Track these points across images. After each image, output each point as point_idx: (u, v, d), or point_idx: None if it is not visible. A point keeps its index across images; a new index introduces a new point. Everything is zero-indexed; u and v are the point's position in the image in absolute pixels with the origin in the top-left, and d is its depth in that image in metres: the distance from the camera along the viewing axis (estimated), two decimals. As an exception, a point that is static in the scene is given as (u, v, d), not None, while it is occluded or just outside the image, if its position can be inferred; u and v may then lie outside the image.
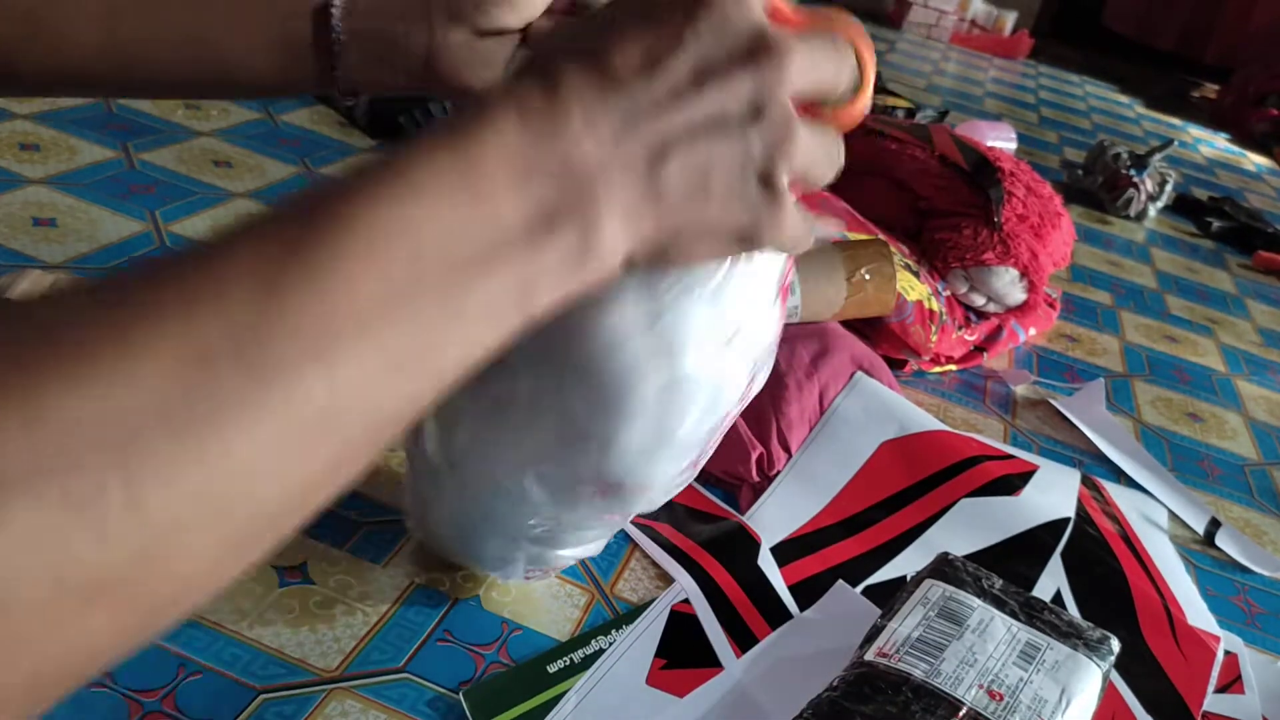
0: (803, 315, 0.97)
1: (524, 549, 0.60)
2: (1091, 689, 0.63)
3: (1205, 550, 0.96)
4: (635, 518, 0.80)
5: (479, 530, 0.60)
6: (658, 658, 0.67)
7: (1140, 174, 1.93)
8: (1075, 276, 1.59)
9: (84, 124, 1.20)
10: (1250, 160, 2.88)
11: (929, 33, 3.37)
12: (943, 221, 1.19)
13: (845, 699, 0.60)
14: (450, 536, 0.64)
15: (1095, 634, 0.67)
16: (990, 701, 0.60)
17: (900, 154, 1.26)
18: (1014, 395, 1.16)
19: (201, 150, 1.22)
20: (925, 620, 0.65)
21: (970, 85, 2.82)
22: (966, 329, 1.17)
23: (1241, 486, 1.10)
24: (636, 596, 0.74)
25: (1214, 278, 1.78)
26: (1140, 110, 3.15)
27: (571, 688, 0.64)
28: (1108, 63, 3.74)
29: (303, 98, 1.44)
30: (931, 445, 0.90)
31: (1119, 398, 1.23)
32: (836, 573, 0.78)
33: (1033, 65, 3.36)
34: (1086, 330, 1.40)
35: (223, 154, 1.22)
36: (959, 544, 0.82)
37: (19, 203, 1.01)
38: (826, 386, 0.92)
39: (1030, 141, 2.34)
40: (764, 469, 0.86)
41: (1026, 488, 0.89)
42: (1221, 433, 1.21)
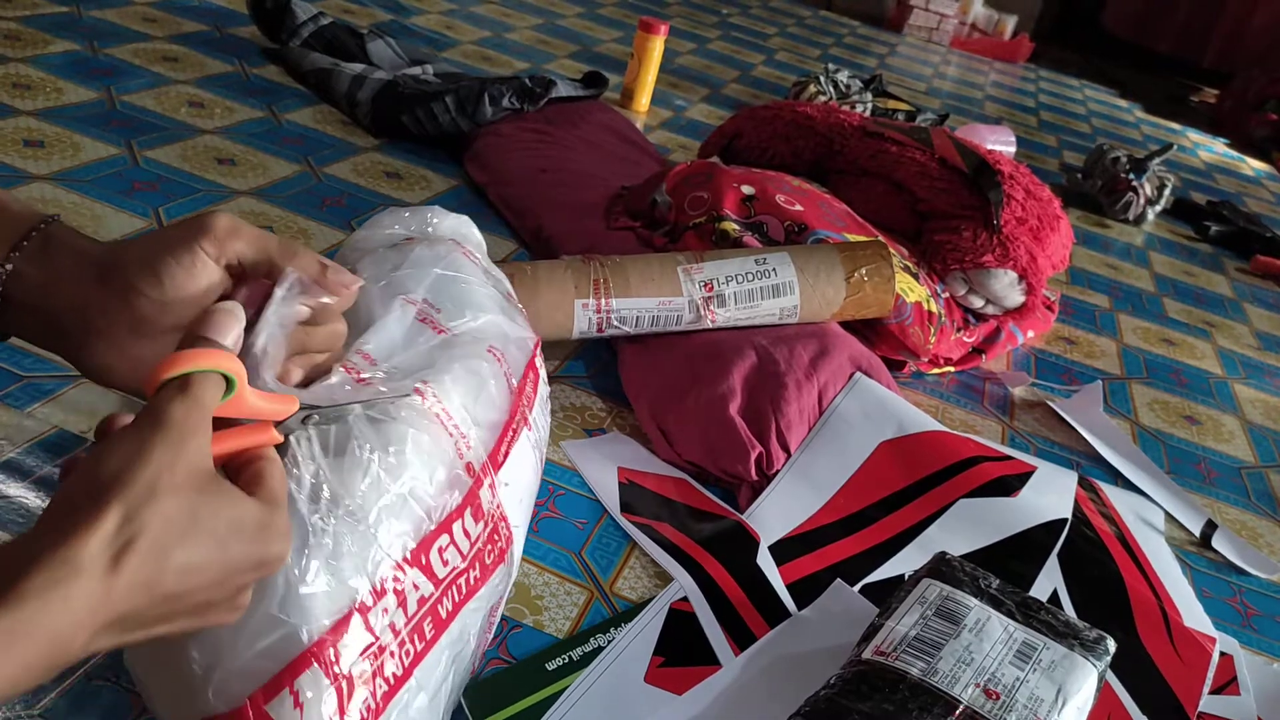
0: (801, 316, 0.98)
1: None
2: (1087, 689, 0.63)
3: (1201, 552, 0.97)
4: (634, 517, 0.80)
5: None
6: (656, 655, 0.68)
7: (1139, 178, 1.94)
8: (1074, 279, 1.60)
9: (88, 121, 1.20)
10: (1249, 165, 2.89)
11: (930, 36, 3.37)
12: (942, 224, 1.20)
13: (843, 697, 0.60)
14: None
15: (1091, 634, 0.67)
16: (987, 700, 0.60)
17: (900, 156, 1.27)
18: (1012, 397, 1.17)
19: (205, 148, 1.22)
20: (923, 619, 0.66)
21: (970, 89, 2.83)
22: (965, 331, 1.17)
23: (1238, 489, 1.10)
24: (635, 595, 0.74)
25: (1212, 281, 1.78)
26: (1139, 114, 3.16)
27: (570, 685, 0.64)
28: (1107, 67, 3.75)
29: (306, 96, 1.45)
30: (930, 446, 0.91)
31: (1116, 400, 1.23)
32: (835, 571, 0.79)
33: (1032, 69, 3.37)
34: (1084, 333, 1.41)
35: (226, 151, 1.23)
36: (957, 544, 0.83)
37: (23, 199, 1.01)
38: (825, 387, 0.92)
39: (1030, 145, 2.35)
40: (763, 468, 0.86)
41: (1024, 489, 0.89)
42: (1218, 436, 1.21)
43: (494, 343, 0.59)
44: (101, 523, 0.34)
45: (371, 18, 1.90)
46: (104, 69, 1.35)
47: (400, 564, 0.48)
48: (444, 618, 0.51)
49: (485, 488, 0.53)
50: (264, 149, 1.26)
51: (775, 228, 1.09)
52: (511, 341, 0.61)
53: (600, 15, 2.44)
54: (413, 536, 0.49)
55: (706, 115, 1.90)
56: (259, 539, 0.39)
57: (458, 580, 0.52)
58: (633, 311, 0.93)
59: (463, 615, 0.53)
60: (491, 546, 0.54)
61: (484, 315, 0.60)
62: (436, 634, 0.50)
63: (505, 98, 1.39)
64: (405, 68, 1.54)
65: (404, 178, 1.30)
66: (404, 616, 0.48)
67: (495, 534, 0.54)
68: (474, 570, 0.53)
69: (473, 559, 0.52)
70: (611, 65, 2.00)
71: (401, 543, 0.48)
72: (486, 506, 0.53)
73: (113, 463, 0.36)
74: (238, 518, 0.38)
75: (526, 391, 0.61)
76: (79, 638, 0.34)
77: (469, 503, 0.52)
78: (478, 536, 0.53)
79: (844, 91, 2.00)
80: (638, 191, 1.22)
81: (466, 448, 0.52)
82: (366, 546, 0.47)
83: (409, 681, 0.49)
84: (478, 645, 0.58)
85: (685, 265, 0.95)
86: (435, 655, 0.51)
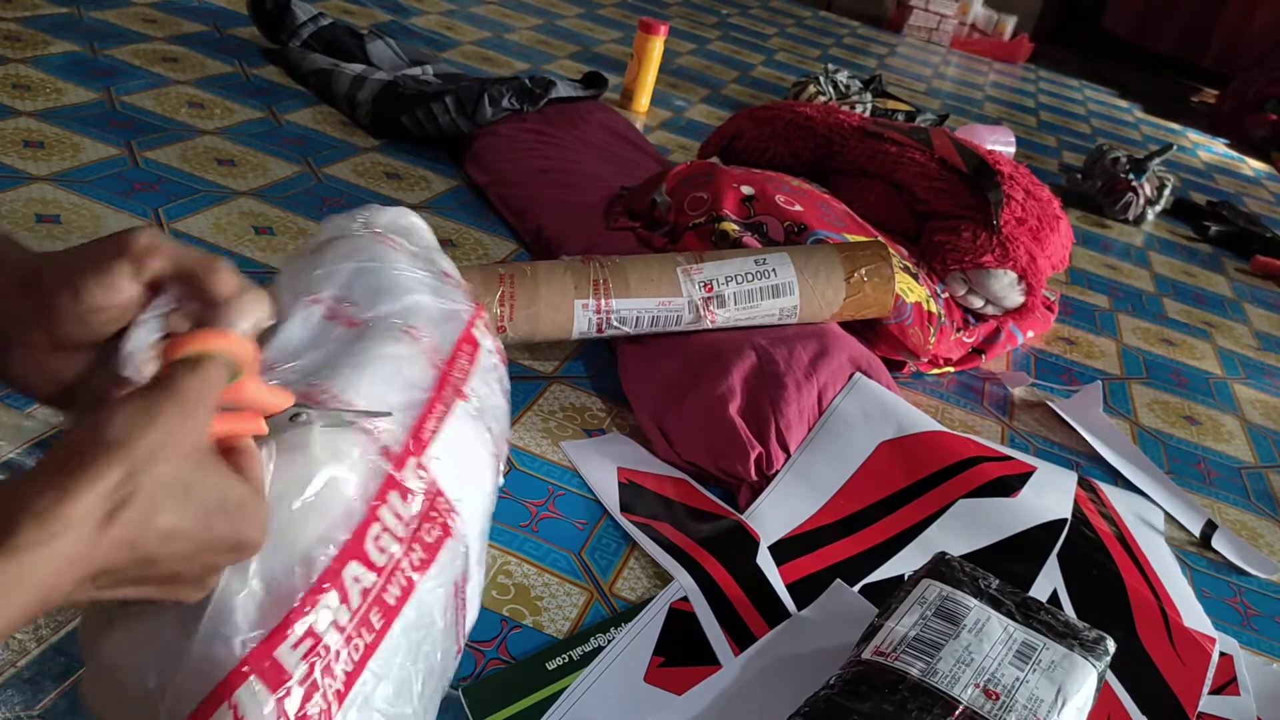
0: (801, 316, 0.98)
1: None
2: (1087, 689, 0.63)
3: (1201, 552, 0.97)
4: (634, 517, 0.80)
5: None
6: (656, 655, 0.68)
7: (1139, 178, 1.94)
8: (1073, 279, 1.60)
9: (88, 122, 1.20)
10: (1248, 165, 2.89)
11: (929, 36, 3.37)
12: (942, 224, 1.20)
13: (842, 697, 0.60)
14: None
15: (1091, 634, 0.67)
16: (986, 701, 0.60)
17: (900, 157, 1.27)
18: (1012, 397, 1.17)
19: (205, 148, 1.22)
20: (922, 619, 0.66)
21: (970, 89, 2.83)
22: (965, 331, 1.17)
23: (1238, 489, 1.10)
24: (635, 595, 0.74)
25: (1211, 282, 1.78)
26: (1139, 115, 3.16)
27: (570, 685, 0.64)
28: (1107, 67, 3.75)
29: (306, 97, 1.45)
30: (929, 446, 0.91)
31: (1116, 400, 1.23)
32: (834, 572, 0.79)
33: (1032, 69, 3.37)
34: (1084, 333, 1.41)
35: (226, 152, 1.23)
36: (956, 544, 0.83)
37: (22, 200, 1.01)
38: (825, 387, 0.92)
39: (1029, 145, 2.35)
40: (763, 469, 0.86)
41: (1024, 489, 0.89)
42: (1218, 436, 1.21)
43: (413, 323, 0.59)
44: (103, 478, 0.36)
45: (371, 18, 1.91)
46: (104, 70, 1.35)
47: (335, 559, 0.48)
48: (393, 604, 0.50)
49: (409, 468, 0.53)
50: (264, 149, 1.26)
51: (775, 228, 1.09)
52: (438, 318, 0.61)
53: (600, 16, 2.44)
54: (344, 529, 0.49)
55: (706, 116, 1.90)
56: (239, 519, 0.40)
57: (400, 565, 0.51)
58: (632, 312, 0.93)
59: (416, 597, 0.52)
60: (430, 524, 0.54)
61: (407, 297, 0.60)
62: (387, 622, 0.50)
63: (505, 98, 1.39)
64: (405, 68, 1.54)
65: (404, 178, 1.30)
66: (348, 612, 0.48)
67: (433, 510, 0.54)
68: (416, 551, 0.52)
69: (411, 539, 0.52)
70: (611, 66, 2.00)
71: (331, 539, 0.48)
72: (415, 485, 0.53)
73: (121, 421, 0.37)
74: (225, 495, 0.40)
75: (459, 363, 0.61)
76: (65, 587, 0.36)
77: (392, 486, 0.52)
78: (412, 517, 0.52)
79: (843, 92, 2.00)
80: (637, 192, 1.22)
81: (379, 432, 0.52)
82: (293, 548, 0.47)
83: (363, 675, 0.49)
84: (451, 624, 0.57)
85: (685, 266, 0.95)
86: (391, 643, 0.50)
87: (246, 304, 0.43)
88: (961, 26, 3.36)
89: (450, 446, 0.57)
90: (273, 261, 1.03)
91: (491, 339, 0.66)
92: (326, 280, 0.60)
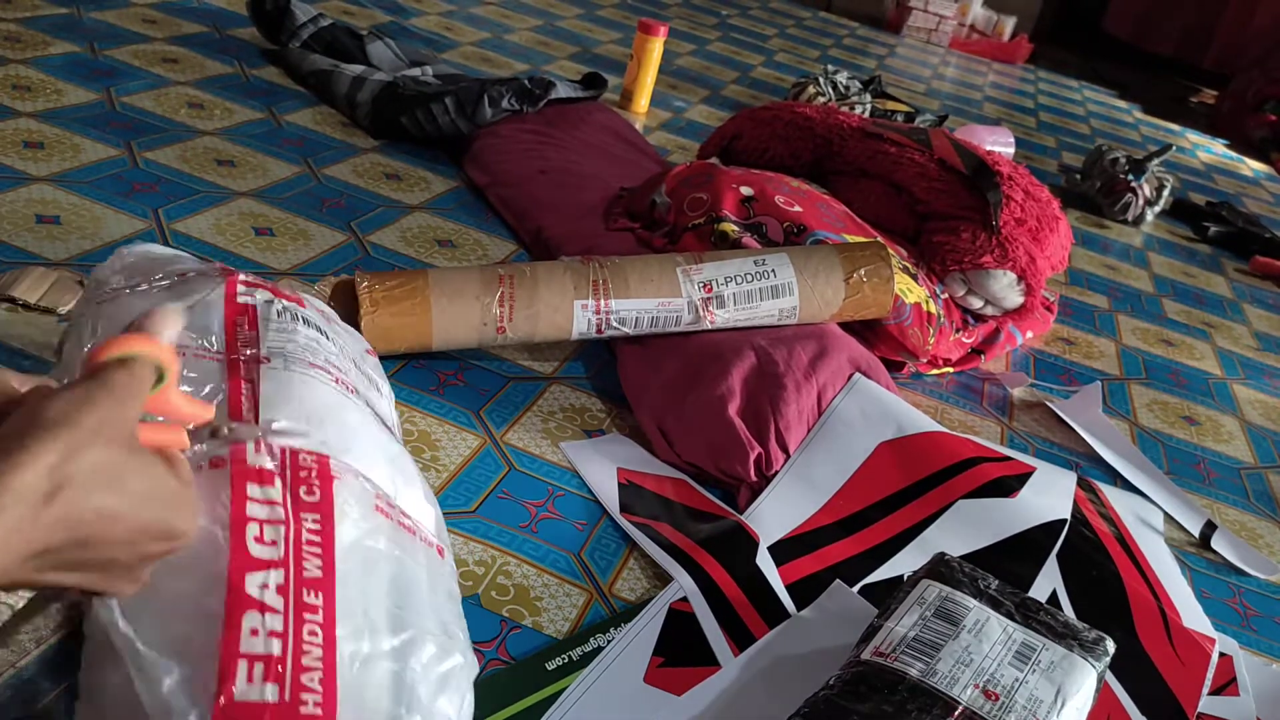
0: (800, 316, 0.98)
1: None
2: (1086, 690, 0.63)
3: (1200, 553, 0.97)
4: (634, 517, 0.81)
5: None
6: (655, 656, 0.68)
7: (1138, 179, 1.94)
8: (1073, 280, 1.60)
9: (88, 122, 1.20)
10: (1248, 165, 2.89)
11: (929, 37, 3.37)
12: (941, 225, 1.20)
13: (842, 698, 0.60)
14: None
15: (1090, 635, 0.67)
16: (986, 701, 0.60)
17: (899, 158, 1.27)
18: (1011, 397, 1.17)
19: (205, 149, 1.22)
20: (922, 620, 0.66)
21: (969, 90, 2.83)
22: (964, 331, 1.17)
23: (1237, 490, 1.11)
24: (634, 595, 0.74)
25: (1211, 282, 1.78)
26: (1138, 115, 3.16)
27: (570, 685, 0.64)
28: (1107, 68, 3.75)
29: (305, 98, 1.45)
30: (929, 446, 0.91)
31: (1115, 401, 1.23)
32: (834, 572, 0.79)
33: (1032, 70, 3.37)
34: (1083, 333, 1.41)
35: (226, 153, 1.23)
36: (956, 544, 0.83)
37: (22, 200, 1.01)
38: (824, 387, 0.92)
39: (1028, 146, 2.35)
40: (762, 469, 0.86)
41: (1023, 489, 0.89)
42: (1217, 436, 1.21)
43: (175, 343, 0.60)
44: (44, 456, 0.37)
45: (371, 19, 1.91)
46: (104, 70, 1.35)
47: (229, 589, 0.48)
48: (322, 576, 0.50)
49: (250, 455, 0.53)
50: (264, 150, 1.26)
51: (774, 229, 1.09)
52: (193, 319, 0.61)
53: (599, 17, 2.45)
54: (215, 559, 0.48)
55: (706, 116, 1.90)
56: (171, 507, 0.42)
57: (299, 540, 0.51)
58: (632, 312, 0.93)
59: (349, 557, 0.52)
60: (305, 484, 0.53)
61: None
62: (327, 592, 0.50)
63: (505, 99, 1.39)
64: (405, 69, 1.54)
65: (403, 179, 1.30)
66: (280, 618, 0.48)
67: (297, 469, 0.53)
68: (307, 519, 0.52)
69: (295, 510, 0.52)
70: (611, 66, 2.00)
71: (209, 576, 0.48)
72: (266, 463, 0.53)
73: (58, 405, 0.39)
74: (157, 484, 0.42)
75: (241, 336, 0.61)
76: (6, 563, 0.37)
77: (243, 481, 0.51)
78: (282, 491, 0.52)
79: (843, 93, 2.00)
80: (637, 193, 1.22)
81: (192, 452, 0.51)
82: (181, 610, 0.47)
83: (338, 645, 0.48)
84: (406, 540, 0.56)
85: (684, 266, 0.95)
86: (349, 604, 0.50)
87: (168, 315, 0.45)
88: (961, 27, 3.37)
89: (282, 408, 0.56)
90: (273, 262, 1.03)
91: (264, 290, 0.66)
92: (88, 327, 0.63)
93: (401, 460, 0.62)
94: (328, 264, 1.06)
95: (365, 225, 1.16)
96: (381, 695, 0.49)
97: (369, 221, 1.17)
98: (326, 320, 0.70)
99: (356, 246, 1.11)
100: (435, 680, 0.52)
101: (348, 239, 1.12)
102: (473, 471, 0.82)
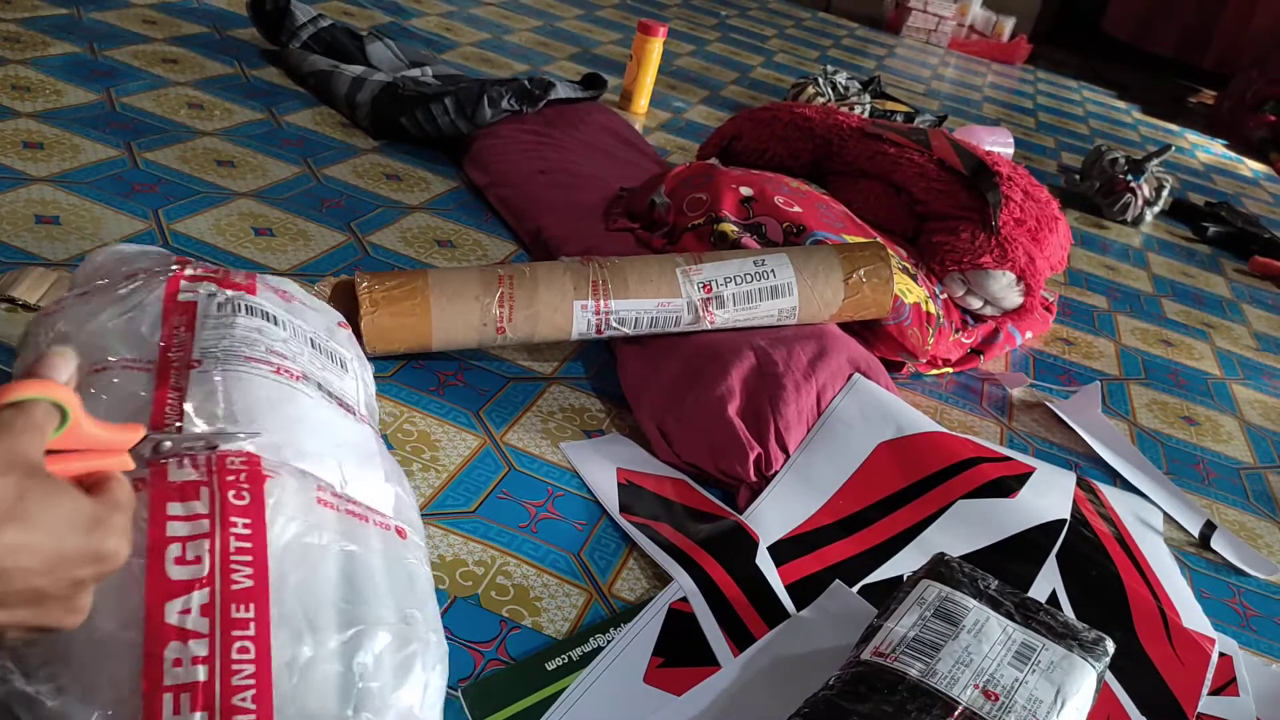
0: (800, 317, 0.98)
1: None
2: (1086, 690, 0.64)
3: (1200, 553, 0.97)
4: (633, 518, 0.81)
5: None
6: (655, 656, 0.68)
7: (1137, 179, 1.94)
8: (1072, 280, 1.60)
9: (87, 123, 1.20)
10: (1247, 165, 2.89)
11: (928, 38, 3.38)
12: (940, 225, 1.20)
13: (841, 698, 0.60)
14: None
15: (1090, 635, 0.67)
16: (986, 701, 0.60)
17: (898, 158, 1.27)
18: (1010, 398, 1.17)
19: (204, 150, 1.22)
20: (921, 620, 0.66)
21: (968, 90, 2.83)
22: (963, 332, 1.17)
23: (1236, 490, 1.11)
24: (634, 596, 0.74)
25: (1210, 282, 1.78)
26: (1137, 115, 3.16)
27: (570, 685, 0.64)
28: (1106, 68, 3.75)
29: (305, 98, 1.45)
30: (928, 447, 0.91)
31: (1115, 401, 1.23)
32: (834, 572, 0.79)
33: (1031, 70, 3.37)
34: (1083, 334, 1.41)
35: (225, 153, 1.23)
36: (955, 545, 0.83)
37: (22, 200, 1.01)
38: (824, 387, 0.93)
39: (1028, 146, 2.35)
40: (762, 469, 0.86)
41: (1022, 490, 0.89)
42: (1217, 436, 1.21)
43: (113, 350, 0.58)
44: None
45: (371, 20, 1.91)
46: (104, 71, 1.35)
47: (146, 624, 0.46)
48: (253, 585, 0.49)
49: (173, 470, 0.51)
50: (263, 151, 1.26)
51: (774, 229, 1.09)
52: (134, 327, 0.60)
53: (599, 17, 2.45)
54: (132, 590, 0.47)
55: (705, 117, 1.90)
56: (93, 532, 0.42)
57: (229, 549, 0.49)
58: (631, 313, 0.93)
59: (284, 560, 0.50)
60: (234, 488, 0.51)
61: (93, 333, 0.59)
62: (260, 602, 0.48)
63: (504, 99, 1.39)
64: (404, 70, 1.54)
65: (403, 179, 1.30)
66: (205, 642, 0.47)
67: (225, 473, 0.52)
68: (236, 524, 0.50)
69: (224, 519, 0.50)
70: (610, 67, 2.00)
71: (127, 617, 0.47)
72: (188, 475, 0.51)
73: None
74: (71, 509, 0.41)
75: (176, 339, 0.60)
76: None
77: (163, 500, 0.50)
78: (208, 502, 0.50)
79: (842, 93, 2.00)
80: (636, 193, 1.23)
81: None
82: (104, 656, 0.46)
83: (272, 661, 0.47)
84: (354, 523, 0.55)
85: (684, 267, 0.95)
86: (281, 613, 0.49)
87: (59, 358, 0.46)
88: (960, 28, 3.37)
89: (209, 411, 0.55)
90: (272, 262, 1.03)
91: (209, 283, 0.65)
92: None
93: (359, 442, 0.61)
94: (327, 264, 1.06)
95: (365, 225, 1.16)
96: (326, 698, 0.48)
97: (369, 222, 1.17)
98: (285, 300, 0.68)
99: (356, 247, 1.11)
100: (392, 670, 0.51)
101: (347, 239, 1.12)
102: (472, 472, 0.82)
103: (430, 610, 0.56)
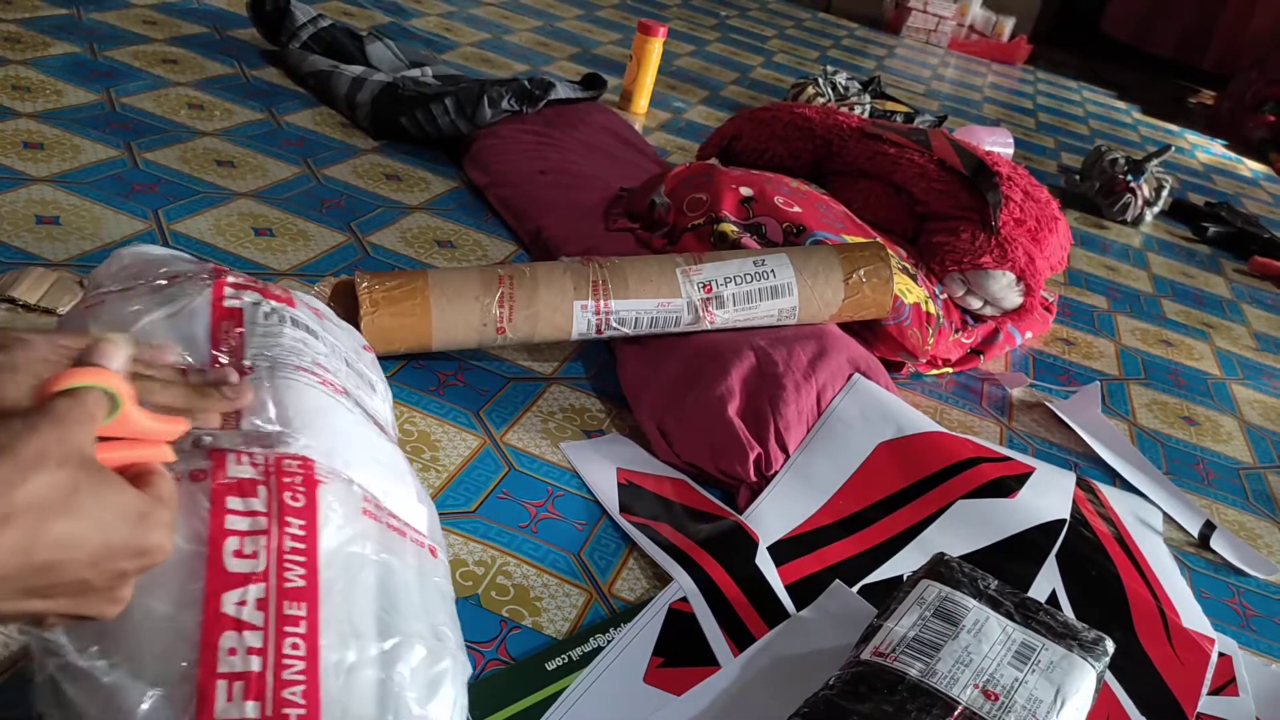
0: (800, 317, 0.98)
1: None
2: (1086, 690, 0.64)
3: (1199, 553, 0.97)
4: (633, 518, 0.81)
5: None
6: (655, 656, 0.68)
7: (1137, 179, 1.94)
8: (1072, 280, 1.60)
9: (87, 123, 1.20)
10: (1246, 166, 2.89)
11: (928, 38, 3.38)
12: (940, 225, 1.20)
13: (841, 698, 0.60)
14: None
15: (1090, 635, 0.67)
16: (985, 701, 0.60)
17: (898, 158, 1.27)
18: (1010, 398, 1.17)
19: (204, 150, 1.22)
20: (921, 620, 0.66)
21: (968, 90, 2.83)
22: (963, 332, 1.17)
23: (1236, 490, 1.11)
24: (634, 596, 0.74)
25: (1210, 282, 1.78)
26: (1137, 116, 3.17)
27: (570, 685, 0.64)
28: (1106, 69, 3.76)
29: (305, 98, 1.45)
30: (928, 447, 0.91)
31: (1114, 401, 1.23)
32: (834, 572, 0.79)
33: (1031, 71, 3.37)
34: (1082, 334, 1.41)
35: (225, 154, 1.23)
36: (955, 545, 0.83)
37: (22, 201, 1.01)
38: (824, 388, 0.93)
39: (1028, 146, 2.35)
40: (761, 469, 0.87)
41: (1022, 490, 0.89)
42: (1216, 436, 1.21)
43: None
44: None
45: (371, 20, 1.91)
46: (104, 71, 1.35)
47: (204, 612, 0.47)
48: (305, 585, 0.50)
49: (231, 465, 0.52)
50: (263, 151, 1.26)
51: (773, 229, 1.09)
52: (176, 325, 0.60)
53: (599, 17, 2.45)
54: (191, 578, 0.48)
55: (705, 117, 1.90)
56: (139, 525, 0.42)
57: (283, 547, 0.50)
58: (631, 313, 0.93)
59: (333, 564, 0.51)
60: (289, 490, 0.52)
61: (145, 315, 0.60)
62: (311, 602, 0.49)
63: (504, 100, 1.39)
64: (404, 70, 1.54)
65: (403, 180, 1.30)
66: (260, 634, 0.47)
67: (282, 475, 0.53)
68: (291, 525, 0.51)
69: (280, 518, 0.51)
70: (610, 67, 2.00)
71: (185, 599, 0.47)
72: (247, 473, 0.52)
73: (1, 434, 0.39)
74: (119, 502, 0.41)
75: (227, 343, 0.60)
76: None
77: (223, 495, 0.50)
78: (266, 500, 0.51)
79: (842, 93, 2.00)
80: (636, 193, 1.23)
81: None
82: (158, 633, 0.46)
83: (320, 661, 0.48)
84: (395, 541, 0.56)
85: (684, 267, 0.95)
86: (330, 616, 0.50)
87: (111, 345, 0.46)
88: (960, 28, 3.37)
89: (266, 414, 0.56)
90: (272, 263, 1.03)
91: (253, 291, 0.65)
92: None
93: (393, 461, 0.62)
94: (327, 264, 1.06)
95: (365, 226, 1.16)
96: (367, 703, 0.49)
97: (369, 222, 1.17)
98: (319, 318, 0.69)
99: (356, 247, 1.11)
100: (425, 685, 0.52)
101: (347, 239, 1.12)
102: (472, 472, 0.82)
103: (457, 630, 0.57)
